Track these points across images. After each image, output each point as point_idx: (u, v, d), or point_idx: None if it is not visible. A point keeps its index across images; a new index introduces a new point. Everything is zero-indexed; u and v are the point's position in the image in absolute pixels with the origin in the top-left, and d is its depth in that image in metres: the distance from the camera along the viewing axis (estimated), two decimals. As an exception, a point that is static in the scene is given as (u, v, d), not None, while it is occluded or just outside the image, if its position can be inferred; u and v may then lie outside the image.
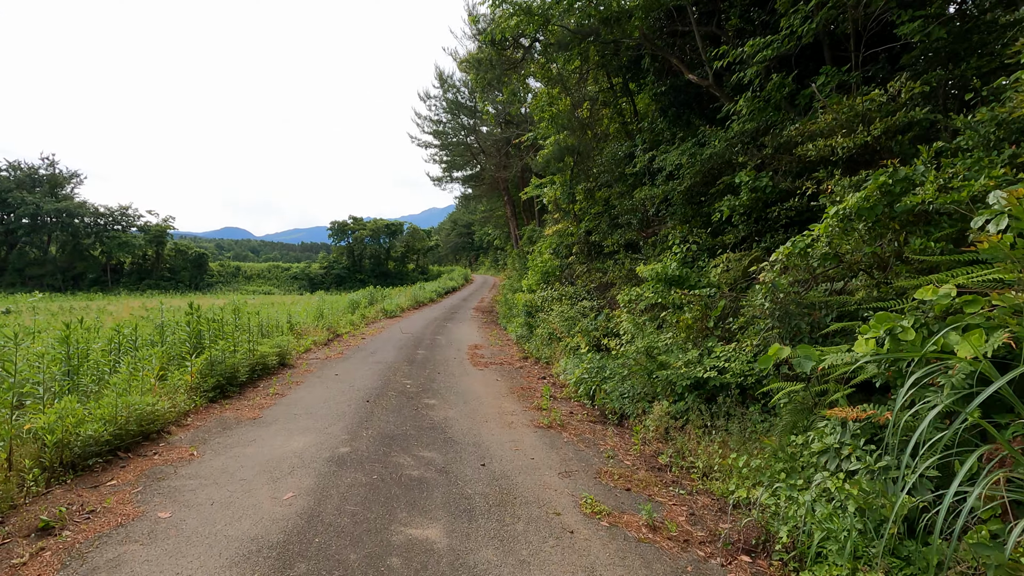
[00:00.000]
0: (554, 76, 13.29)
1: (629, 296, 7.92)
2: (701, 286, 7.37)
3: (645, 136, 11.09)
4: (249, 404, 6.51)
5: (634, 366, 6.84)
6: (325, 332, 13.22)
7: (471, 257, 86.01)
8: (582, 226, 14.28)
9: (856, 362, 3.83)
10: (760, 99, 7.64)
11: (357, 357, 10.54)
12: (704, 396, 6.00)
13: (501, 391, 8.06)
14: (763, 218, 7.94)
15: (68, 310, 30.06)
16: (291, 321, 12.46)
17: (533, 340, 12.27)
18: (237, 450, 4.81)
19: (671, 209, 9.55)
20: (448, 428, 5.86)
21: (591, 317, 10.75)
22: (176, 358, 7.01)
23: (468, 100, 28.20)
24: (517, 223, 32.01)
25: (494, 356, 11.63)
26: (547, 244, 16.44)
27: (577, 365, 8.58)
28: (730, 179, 8.13)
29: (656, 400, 6.46)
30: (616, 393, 6.89)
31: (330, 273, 68.01)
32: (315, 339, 12.14)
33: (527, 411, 6.91)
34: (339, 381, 8.09)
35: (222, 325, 7.72)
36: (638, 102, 13.39)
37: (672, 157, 8.67)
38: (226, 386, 6.85)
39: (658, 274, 7.36)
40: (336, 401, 6.79)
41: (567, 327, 10.81)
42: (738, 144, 7.95)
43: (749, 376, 5.41)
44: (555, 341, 11.18)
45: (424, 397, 7.32)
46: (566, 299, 12.08)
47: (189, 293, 55.61)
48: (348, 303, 21.05)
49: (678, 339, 6.36)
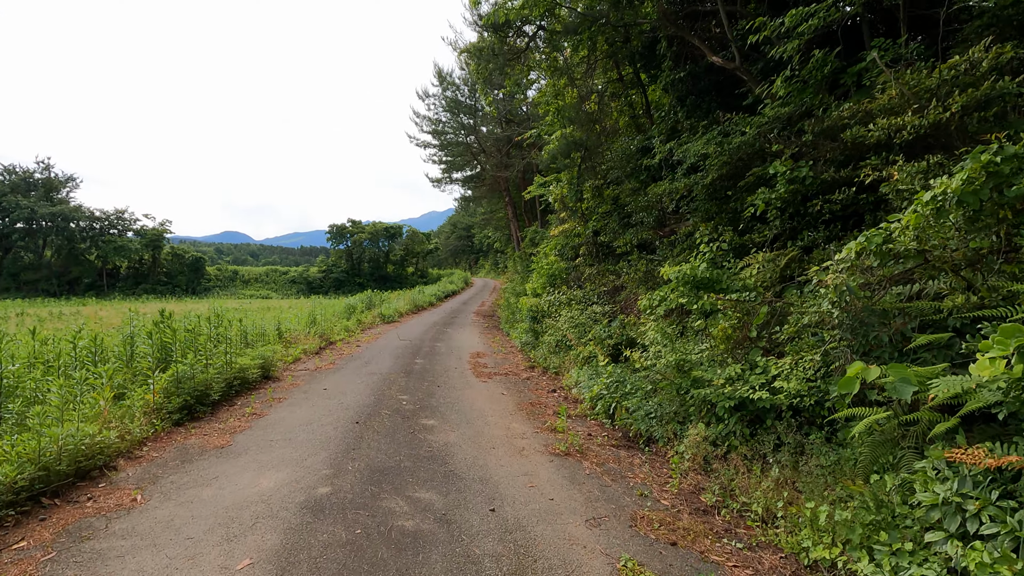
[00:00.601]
0: (560, 67, 12.47)
1: (651, 301, 7.07)
2: (734, 289, 6.53)
3: (662, 127, 10.26)
4: (220, 427, 5.65)
5: (661, 381, 5.99)
6: (317, 340, 12.37)
7: (471, 260, 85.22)
8: (589, 226, 13.44)
9: (974, 388, 2.99)
10: (799, 79, 6.81)
11: (350, 368, 9.68)
12: (747, 418, 5.15)
13: (508, 407, 7.20)
14: (800, 213, 7.11)
15: (58, 315, 29.21)
16: (280, 328, 11.60)
17: (540, 347, 11.42)
18: (192, 492, 3.95)
19: (692, 205, 8.71)
20: (450, 457, 5.00)
21: (604, 323, 9.90)
22: (141, 374, 6.16)
23: (468, 99, 27.40)
24: (519, 225, 31.17)
25: (498, 365, 10.76)
26: (552, 245, 15.60)
27: (592, 378, 7.72)
28: (762, 170, 7.30)
29: (689, 421, 5.60)
30: (641, 412, 6.03)
31: (328, 277, 67.15)
32: (306, 348, 11.29)
33: (539, 433, 6.05)
34: (327, 397, 7.23)
35: (195, 335, 6.86)
36: (650, 94, 12.58)
37: (696, 147, 7.83)
38: (195, 406, 5.98)
39: (685, 276, 6.51)
40: (321, 423, 5.93)
41: (578, 334, 9.96)
42: (773, 131, 7.12)
43: (806, 397, 4.56)
44: (564, 349, 10.33)
45: (422, 416, 6.46)
46: (575, 304, 11.23)
47: (185, 298, 54.83)
48: (344, 308, 20.22)
49: (716, 351, 5.50)
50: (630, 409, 6.36)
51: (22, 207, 51.89)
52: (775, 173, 6.87)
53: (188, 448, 4.96)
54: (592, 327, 9.73)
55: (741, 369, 5.07)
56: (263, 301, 49.12)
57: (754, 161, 7.76)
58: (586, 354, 8.83)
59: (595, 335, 9.15)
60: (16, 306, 35.32)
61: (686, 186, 8.22)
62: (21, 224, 53.77)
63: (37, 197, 55.50)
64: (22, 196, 53.82)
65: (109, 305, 39.54)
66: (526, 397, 7.96)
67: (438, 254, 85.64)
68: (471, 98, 27.14)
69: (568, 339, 10.13)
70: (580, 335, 9.90)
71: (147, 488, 4.00)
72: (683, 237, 9.14)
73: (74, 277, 56.02)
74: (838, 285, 3.98)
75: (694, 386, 5.55)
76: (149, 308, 33.96)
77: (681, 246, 9.15)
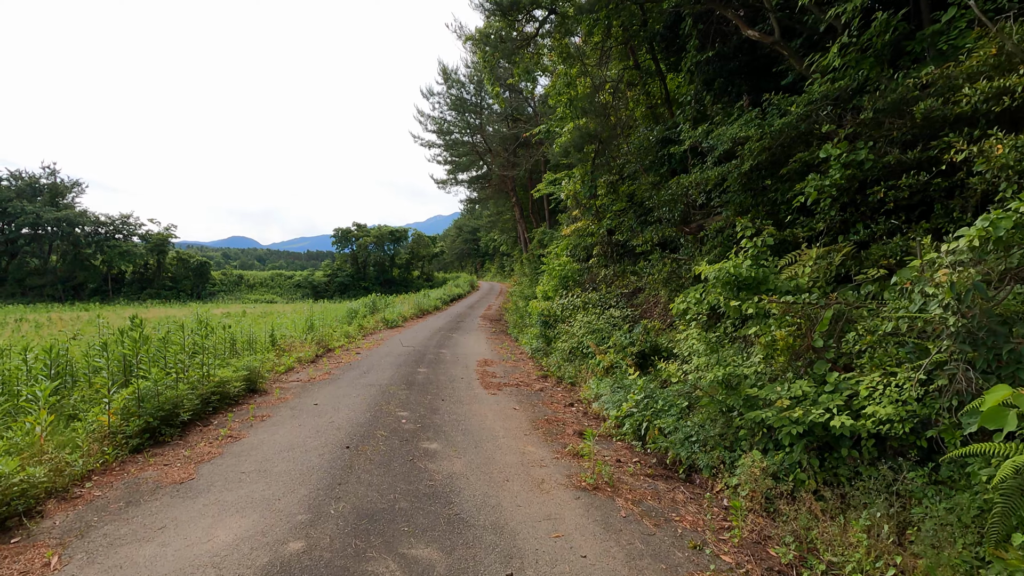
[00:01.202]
0: (572, 54, 11.64)
1: (686, 303, 6.18)
2: (783, 290, 5.64)
3: (688, 112, 9.38)
4: (185, 455, 4.80)
5: (703, 398, 5.09)
6: (314, 347, 11.55)
7: (477, 263, 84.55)
8: (603, 224, 12.57)
9: None
10: (856, 48, 5.92)
11: (346, 378, 8.84)
12: (814, 446, 4.25)
13: (522, 426, 6.33)
14: (854, 203, 6.22)
15: (56, 320, 28.69)
16: (274, 335, 10.80)
17: (552, 355, 10.54)
18: (126, 552, 3.10)
19: (725, 196, 7.82)
20: (455, 494, 4.13)
21: (624, 329, 9.01)
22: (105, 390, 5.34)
23: (473, 97, 26.63)
24: (526, 226, 30.31)
25: (508, 375, 9.89)
26: (564, 246, 14.74)
27: (616, 391, 6.83)
28: (809, 155, 6.43)
29: (739, 447, 4.70)
30: (679, 435, 5.13)
31: (334, 281, 66.67)
32: (301, 356, 10.47)
33: (560, 459, 5.17)
34: (317, 414, 6.39)
35: (166, 345, 6.04)
36: (669, 83, 11.71)
37: (732, 131, 6.95)
38: (160, 428, 5.15)
39: (726, 275, 5.62)
40: (305, 447, 5.08)
41: (596, 341, 9.07)
42: (825, 109, 6.23)
43: (896, 423, 3.65)
44: (580, 357, 9.45)
45: (423, 438, 5.60)
46: (592, 307, 10.34)
47: (190, 302, 54.43)
48: (346, 312, 19.44)
49: (776, 364, 4.60)
50: (664, 430, 5.46)
51: (27, 212, 51.75)
52: (826, 157, 5.99)
53: (141, 483, 4.13)
54: (612, 333, 8.84)
55: (810, 387, 4.17)
56: (267, 305, 48.62)
57: (796, 146, 6.88)
58: (607, 363, 7.94)
59: (616, 342, 8.26)
60: (17, 311, 34.88)
61: (719, 175, 7.33)
62: (27, 229, 53.66)
63: (43, 202, 55.40)
64: (27, 201, 53.71)
65: (112, 310, 39.06)
66: (541, 413, 7.08)
67: (444, 258, 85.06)
68: (477, 96, 26.35)
69: (585, 346, 9.25)
70: (598, 342, 9.01)
71: (70, 545, 3.16)
72: (713, 233, 8.25)
73: (79, 282, 55.81)
74: (955, 283, 3.08)
75: (746, 406, 4.65)
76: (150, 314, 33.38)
77: (711, 243, 8.25)
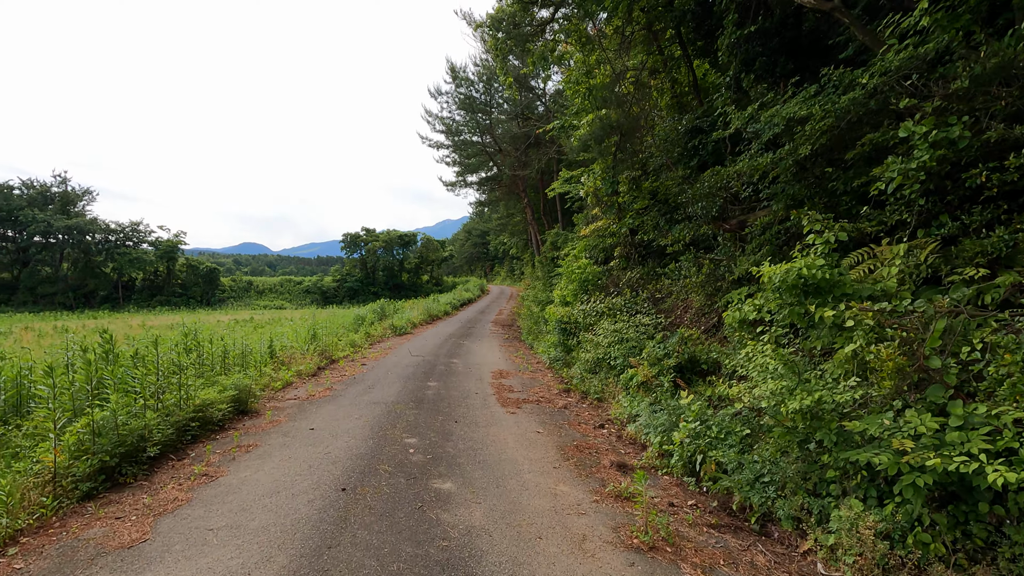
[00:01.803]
0: (591, 39, 10.75)
1: (743, 312, 5.23)
2: (862, 295, 4.71)
3: (727, 96, 8.44)
4: (145, 503, 3.95)
5: (777, 430, 4.14)
6: (317, 358, 10.73)
7: (486, 267, 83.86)
8: (625, 223, 11.64)
9: None
10: (945, 6, 4.96)
11: (349, 395, 7.99)
12: (936, 495, 3.30)
13: (549, 455, 5.42)
14: (941, 189, 5.27)
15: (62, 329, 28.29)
16: (272, 347, 9.99)
17: (574, 366, 9.62)
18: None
19: (773, 187, 6.88)
20: (476, 561, 3.23)
21: (658, 339, 8.07)
22: (50, 423, 4.51)
23: (483, 95, 25.79)
24: (539, 228, 29.37)
25: (526, 388, 8.98)
26: (581, 247, 13.81)
27: (656, 411, 5.90)
28: (881, 135, 5.49)
29: (827, 492, 3.76)
30: (746, 475, 4.18)
31: (343, 286, 66.27)
32: (301, 369, 9.65)
33: (600, 502, 4.25)
34: (311, 442, 5.53)
35: (138, 362, 5.21)
36: (698, 70, 10.78)
37: (789, 109, 6.00)
38: (120, 467, 4.31)
39: (794, 278, 4.68)
40: (292, 490, 4.21)
41: (624, 351, 8.13)
42: (906, 79, 5.26)
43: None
44: (606, 369, 8.51)
45: (434, 474, 4.71)
46: (620, 314, 9.40)
47: (200, 309, 54.27)
48: (353, 319, 18.68)
49: (881, 389, 3.64)
50: (725, 466, 4.52)
51: (38, 220, 51.91)
52: (907, 136, 5.01)
53: (79, 548, 3.27)
54: (645, 344, 7.90)
55: (934, 423, 3.21)
56: (276, 311, 48.15)
57: (863, 126, 5.94)
58: (643, 378, 7.00)
59: (649, 354, 7.33)
60: (23, 320, 34.66)
61: (772, 161, 6.38)
62: (38, 238, 53.83)
63: (54, 210, 55.60)
64: (38, 210, 53.91)
65: (119, 318, 38.78)
66: (568, 436, 6.16)
67: (453, 262, 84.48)
68: (486, 95, 25.51)
69: (612, 357, 8.31)
70: (628, 352, 8.07)
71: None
72: (759, 229, 7.30)
73: (90, 290, 55.88)
74: None
75: (841, 442, 3.70)
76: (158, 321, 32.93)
77: (757, 240, 7.30)
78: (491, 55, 15.25)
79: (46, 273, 54.21)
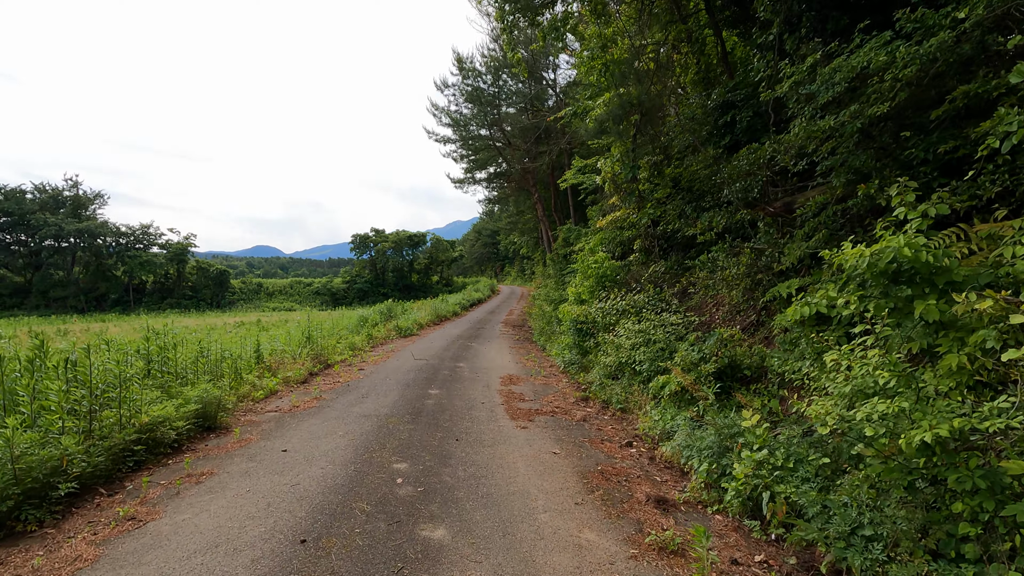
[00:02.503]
0: (609, 9, 9.70)
1: (817, 304, 4.14)
2: (981, 281, 3.63)
3: (768, 59, 7.34)
4: (32, 569, 2.98)
5: (875, 466, 3.06)
6: (309, 363, 9.81)
7: (496, 267, 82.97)
8: (645, 212, 10.55)
9: None
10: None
11: (338, 405, 7.04)
12: None
13: (568, 485, 4.39)
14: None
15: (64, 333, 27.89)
16: (259, 351, 9.09)
17: (592, 370, 8.58)
18: None
19: (832, 159, 5.76)
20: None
21: (690, 340, 6.99)
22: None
23: (490, 87, 24.73)
24: (549, 224, 28.28)
25: (539, 396, 7.96)
26: (597, 240, 12.74)
27: (698, 428, 4.84)
28: (978, 86, 4.41)
29: (951, 550, 2.69)
30: (837, 527, 3.10)
31: (352, 287, 65.78)
32: (291, 375, 8.73)
33: (639, 558, 3.21)
34: (279, 469, 4.56)
35: (69, 372, 4.27)
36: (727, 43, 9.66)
37: (859, 58, 4.90)
38: (18, 512, 3.35)
39: (897, 261, 3.59)
40: (236, 543, 3.23)
41: (652, 356, 7.07)
42: (1015, 12, 4.15)
43: None
44: (630, 374, 7.46)
45: (424, 515, 3.70)
46: (647, 311, 8.33)
47: (209, 312, 54.09)
48: (356, 320, 17.80)
49: None
50: (801, 508, 3.45)
51: (50, 224, 52.06)
52: (1020, 82, 3.92)
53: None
54: (676, 346, 6.83)
55: None
56: (286, 313, 47.62)
57: (946, 79, 4.85)
58: (675, 387, 5.94)
59: (684, 358, 6.26)
60: (30, 323, 34.38)
61: (833, 127, 5.27)
62: (50, 242, 54.03)
63: (65, 214, 55.79)
64: (50, 213, 54.11)
65: (127, 321, 38.43)
66: (591, 458, 5.12)
67: (463, 262, 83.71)
68: (494, 86, 24.44)
69: (638, 361, 7.25)
70: (655, 357, 7.00)
71: None
72: (813, 210, 6.20)
73: (101, 293, 55.98)
74: None
75: (985, 488, 2.62)
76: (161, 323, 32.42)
77: (811, 224, 6.20)
78: (498, 27, 14.21)
79: (58, 277, 54.38)
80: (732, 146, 8.70)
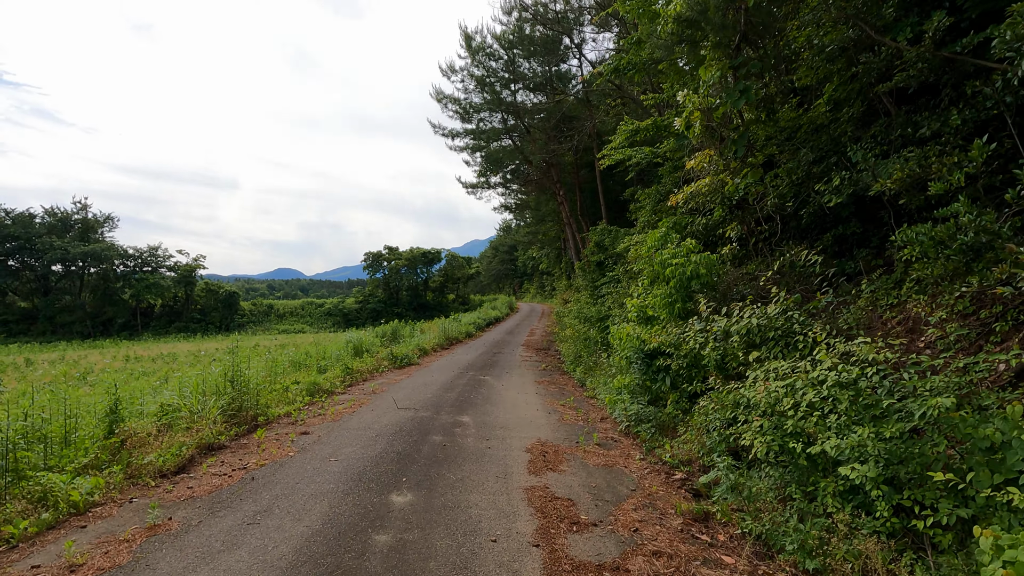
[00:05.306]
0: None
1: None
2: None
3: None
4: None
5: None
6: (221, 425, 6.05)
7: (515, 284, 79.32)
8: (756, 173, 6.59)
9: None
10: None
11: (165, 565, 3.20)
12: None
13: None
14: None
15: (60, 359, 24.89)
16: (115, 414, 5.35)
17: (689, 434, 4.60)
18: None
19: None
20: None
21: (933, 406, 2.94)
22: None
23: (504, 68, 21.07)
24: (576, 227, 24.33)
25: (607, 508, 3.99)
26: (660, 232, 8.73)
27: None
28: None
29: None
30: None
31: (365, 307, 62.65)
32: (150, 459, 4.96)
33: None
34: None
35: None
36: None
37: None
38: None
39: None
40: None
41: (889, 455, 3.05)
42: None
43: None
44: (803, 467, 3.45)
45: None
46: (835, 343, 4.25)
47: (217, 335, 51.34)
48: (344, 344, 14.05)
49: None
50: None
51: (55, 247, 50.41)
52: None
53: None
54: (908, 407, 2.81)
55: None
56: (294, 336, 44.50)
57: None
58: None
59: None
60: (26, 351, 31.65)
61: None
62: (57, 266, 52.41)
63: (73, 237, 54.27)
64: (57, 237, 52.59)
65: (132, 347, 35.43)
66: None
67: (480, 279, 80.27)
68: (508, 67, 20.71)
69: (845, 458, 3.23)
70: (899, 455, 2.99)
71: None
72: None
73: (108, 318, 53.92)
74: None
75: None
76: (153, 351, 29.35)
77: None
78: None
79: (66, 301, 52.55)
80: (942, 39, 4.78)
